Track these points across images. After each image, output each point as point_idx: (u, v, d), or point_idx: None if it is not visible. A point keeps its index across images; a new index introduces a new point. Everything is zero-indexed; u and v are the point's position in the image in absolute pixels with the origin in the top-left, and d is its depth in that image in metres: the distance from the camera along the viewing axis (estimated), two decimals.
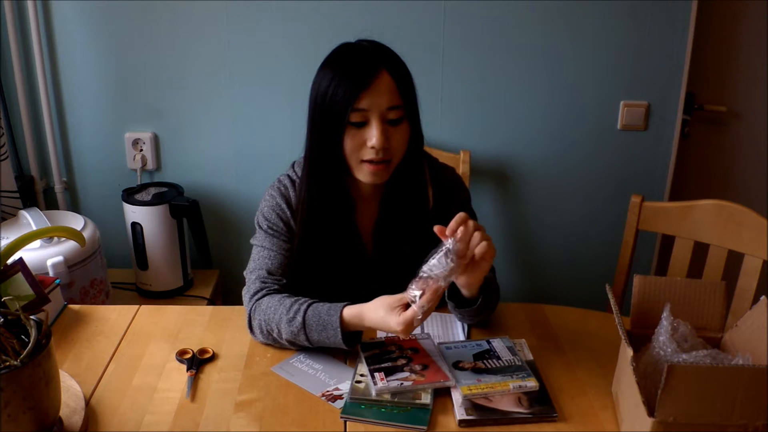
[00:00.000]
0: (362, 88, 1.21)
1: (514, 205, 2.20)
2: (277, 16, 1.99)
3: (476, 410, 1.13)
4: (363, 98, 1.22)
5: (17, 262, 1.28)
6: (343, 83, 1.22)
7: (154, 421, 1.12)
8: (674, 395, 0.94)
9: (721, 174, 2.29)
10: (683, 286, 1.22)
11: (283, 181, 1.40)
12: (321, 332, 1.23)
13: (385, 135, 1.24)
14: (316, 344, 1.26)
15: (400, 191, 1.36)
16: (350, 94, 1.21)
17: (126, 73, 2.06)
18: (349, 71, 1.23)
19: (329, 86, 1.24)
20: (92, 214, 2.14)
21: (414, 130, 1.31)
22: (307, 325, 1.23)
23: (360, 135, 1.25)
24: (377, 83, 1.22)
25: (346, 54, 1.27)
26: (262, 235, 1.38)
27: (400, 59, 1.29)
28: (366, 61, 1.24)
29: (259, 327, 1.29)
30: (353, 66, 1.24)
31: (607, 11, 1.99)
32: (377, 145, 1.24)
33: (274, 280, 1.34)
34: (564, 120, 2.11)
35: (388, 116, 1.25)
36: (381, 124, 1.24)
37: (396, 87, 1.24)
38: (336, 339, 1.22)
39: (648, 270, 2.22)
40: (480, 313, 1.32)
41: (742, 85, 2.18)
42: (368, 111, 1.23)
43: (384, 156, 1.26)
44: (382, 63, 1.24)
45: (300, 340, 1.25)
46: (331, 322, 1.22)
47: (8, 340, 0.98)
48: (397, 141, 1.27)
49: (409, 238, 1.37)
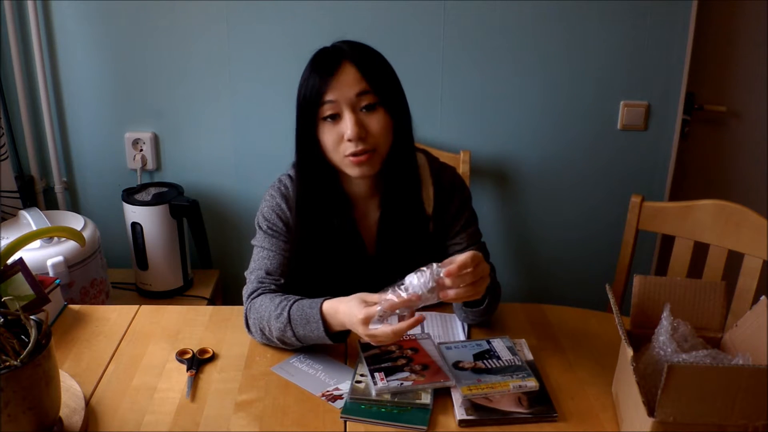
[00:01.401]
0: (326, 79, 1.25)
1: (514, 205, 2.20)
2: (277, 16, 1.99)
3: (476, 410, 1.13)
4: (329, 90, 1.25)
5: (17, 262, 1.28)
6: (311, 79, 1.27)
7: (154, 421, 1.12)
8: (674, 395, 0.94)
9: (721, 174, 2.29)
10: (683, 286, 1.22)
11: (283, 180, 1.41)
12: (305, 326, 1.23)
13: (359, 124, 1.25)
14: (303, 340, 1.26)
15: (399, 189, 1.36)
16: (317, 89, 1.25)
17: (126, 73, 2.06)
18: (316, 68, 1.27)
19: (303, 86, 1.28)
20: (92, 214, 2.14)
21: (396, 117, 1.30)
22: (292, 320, 1.24)
23: (336, 129, 1.27)
24: (341, 73, 1.25)
25: (317, 55, 1.31)
26: (261, 235, 1.39)
27: (368, 51, 1.31)
28: (330, 56, 1.28)
29: (254, 326, 1.31)
30: (320, 62, 1.28)
31: (607, 11, 1.99)
32: (353, 135, 1.24)
33: (271, 281, 1.34)
34: (564, 120, 2.11)
35: (359, 104, 1.26)
36: (353, 114, 1.25)
37: (360, 74, 1.25)
38: (319, 332, 1.22)
39: (648, 270, 2.22)
40: (486, 313, 1.33)
41: (742, 85, 2.18)
42: (337, 101, 1.25)
43: (365, 146, 1.26)
44: (344, 55, 1.27)
45: (288, 336, 1.26)
46: (313, 315, 1.23)
47: (8, 340, 0.98)
48: (375, 128, 1.27)
49: (411, 237, 1.37)
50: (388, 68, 1.32)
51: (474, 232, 1.43)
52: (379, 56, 1.32)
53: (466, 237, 1.41)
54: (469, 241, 1.41)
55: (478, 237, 1.44)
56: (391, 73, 1.32)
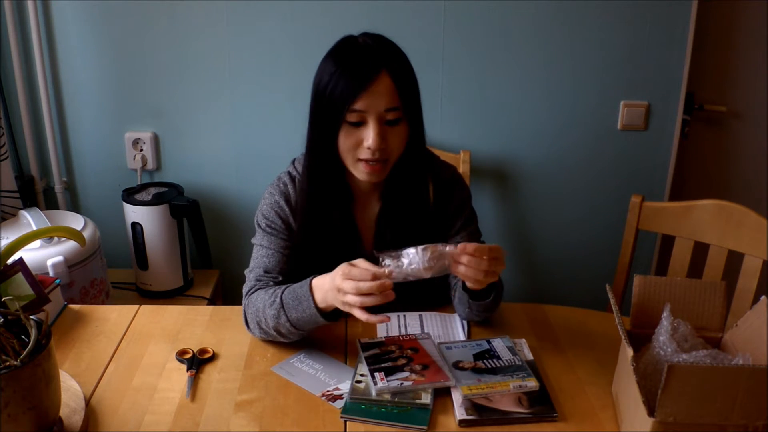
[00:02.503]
0: (360, 90, 1.20)
1: (514, 205, 2.20)
2: (277, 16, 1.99)
3: (476, 410, 1.13)
4: (360, 100, 1.21)
5: (17, 262, 1.28)
6: (342, 81, 1.21)
7: (154, 421, 1.12)
8: (674, 395, 0.94)
9: (721, 174, 2.29)
10: (683, 286, 1.22)
11: (282, 178, 1.40)
12: (297, 307, 1.23)
13: (381, 136, 1.24)
14: (297, 325, 1.25)
15: (401, 186, 1.36)
16: (348, 94, 1.21)
17: (126, 73, 2.06)
18: (349, 69, 1.22)
19: (329, 81, 1.23)
20: (92, 214, 2.14)
21: (414, 129, 1.30)
22: (285, 304, 1.24)
23: (357, 134, 1.25)
24: (376, 85, 1.21)
25: (348, 49, 1.26)
26: (260, 233, 1.39)
27: (402, 57, 1.28)
28: (366, 61, 1.22)
29: (252, 321, 1.31)
30: (353, 64, 1.23)
31: (607, 11, 1.98)
32: (373, 146, 1.23)
33: (269, 278, 1.35)
34: (564, 120, 2.11)
35: (386, 117, 1.24)
36: (378, 126, 1.23)
37: (395, 89, 1.22)
38: (310, 310, 1.22)
39: (648, 270, 2.22)
40: (489, 309, 1.33)
41: (742, 85, 2.18)
42: (365, 112, 1.23)
43: (380, 156, 1.26)
44: (382, 64, 1.22)
45: (282, 322, 1.25)
46: (303, 293, 1.23)
47: (8, 340, 0.98)
48: (394, 141, 1.27)
49: (410, 234, 1.37)
50: (414, 77, 1.29)
51: (474, 231, 1.43)
52: (408, 62, 1.29)
53: (466, 236, 1.41)
54: (468, 239, 1.40)
55: (477, 236, 1.44)
56: (416, 81, 1.30)
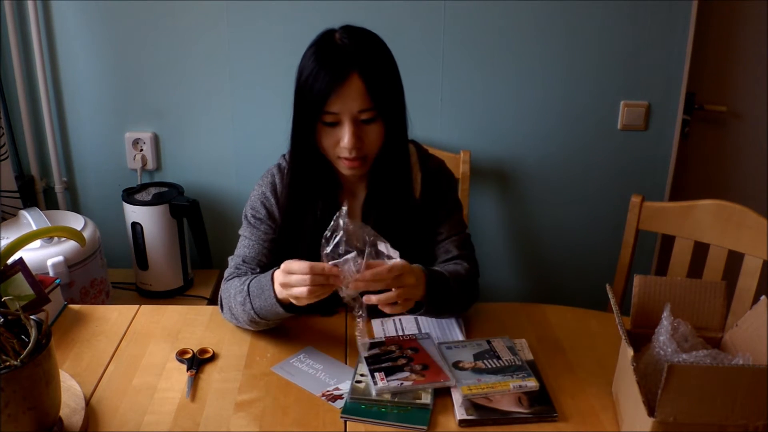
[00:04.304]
0: (332, 93, 1.22)
1: (514, 205, 2.20)
2: (277, 16, 1.99)
3: (476, 410, 1.13)
4: (333, 102, 1.23)
5: (17, 262, 1.28)
6: (317, 83, 1.23)
7: (154, 421, 1.12)
8: (674, 395, 0.94)
9: (721, 174, 2.29)
10: (683, 286, 1.22)
11: (271, 170, 1.44)
12: (260, 296, 1.25)
13: (357, 136, 1.26)
14: (261, 314, 1.26)
15: (385, 176, 1.37)
16: (321, 98, 1.23)
17: (126, 73, 2.06)
18: (323, 69, 1.23)
19: (308, 79, 1.25)
20: (92, 214, 2.14)
21: (391, 125, 1.30)
22: (251, 292, 1.26)
23: (334, 133, 1.27)
24: (347, 88, 1.22)
25: (325, 47, 1.27)
26: (245, 224, 1.43)
27: (378, 54, 1.28)
28: (338, 63, 1.23)
29: (226, 307, 1.35)
30: (327, 65, 1.23)
31: (607, 11, 1.98)
32: (349, 146, 1.26)
33: (247, 267, 1.38)
34: (564, 120, 2.11)
35: (360, 117, 1.26)
36: (353, 126, 1.25)
37: (366, 90, 1.23)
38: (271, 300, 1.23)
39: (648, 270, 2.22)
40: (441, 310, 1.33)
41: (742, 85, 2.18)
42: (339, 114, 1.25)
43: (357, 154, 1.28)
44: (354, 66, 1.23)
45: (247, 310, 1.27)
46: (266, 283, 1.24)
47: (8, 340, 0.98)
48: (371, 139, 1.29)
49: (395, 223, 1.37)
50: (393, 74, 1.30)
51: (457, 221, 1.45)
52: (386, 58, 1.29)
53: (448, 227, 1.42)
54: (451, 231, 1.42)
55: (461, 227, 1.45)
56: (394, 78, 1.31)
